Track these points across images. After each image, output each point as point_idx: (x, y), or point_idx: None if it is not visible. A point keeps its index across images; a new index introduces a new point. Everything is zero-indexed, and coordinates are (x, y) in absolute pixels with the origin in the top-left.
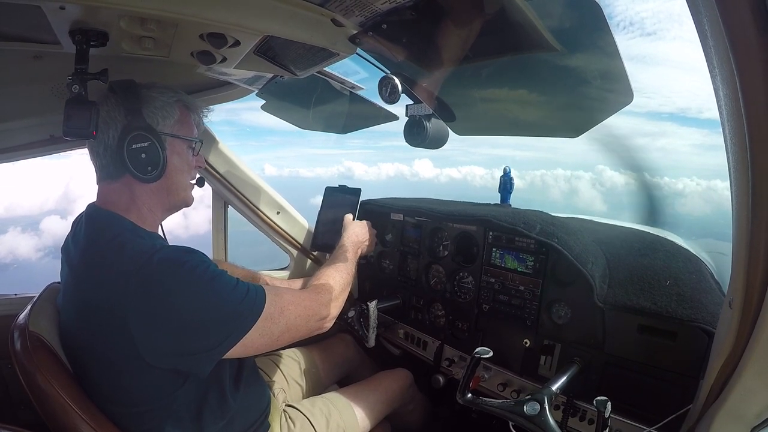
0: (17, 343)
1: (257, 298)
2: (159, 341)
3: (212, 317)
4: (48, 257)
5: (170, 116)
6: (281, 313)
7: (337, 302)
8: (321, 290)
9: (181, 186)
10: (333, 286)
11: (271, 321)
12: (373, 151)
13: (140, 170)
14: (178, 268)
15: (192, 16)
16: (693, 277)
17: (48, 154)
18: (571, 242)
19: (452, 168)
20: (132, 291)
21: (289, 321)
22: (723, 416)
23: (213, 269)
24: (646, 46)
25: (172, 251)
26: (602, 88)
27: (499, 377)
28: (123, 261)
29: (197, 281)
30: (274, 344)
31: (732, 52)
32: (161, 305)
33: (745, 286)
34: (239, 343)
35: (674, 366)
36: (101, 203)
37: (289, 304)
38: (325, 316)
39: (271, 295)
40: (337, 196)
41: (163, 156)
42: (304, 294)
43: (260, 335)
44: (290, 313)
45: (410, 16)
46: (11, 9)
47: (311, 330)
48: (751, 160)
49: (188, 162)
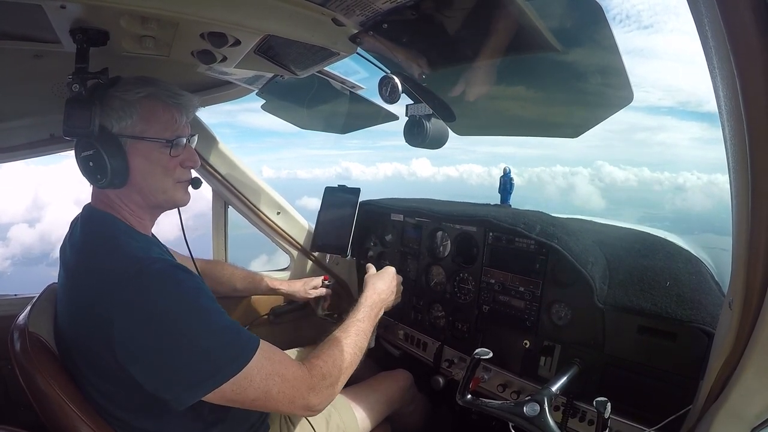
0: (17, 344)
1: (244, 350)
2: (136, 355)
3: (193, 351)
4: (15, 266)
5: (128, 116)
6: (264, 379)
7: (336, 387)
8: (318, 372)
9: (155, 189)
10: (336, 367)
11: (249, 382)
12: (370, 151)
13: (91, 179)
14: (173, 286)
15: (193, 15)
16: (693, 278)
17: (48, 153)
18: (571, 243)
19: (450, 167)
20: (120, 299)
21: (269, 392)
22: (723, 417)
23: (208, 300)
24: (643, 40)
25: (169, 266)
26: (602, 87)
27: (499, 378)
28: (115, 266)
29: (188, 305)
30: (244, 405)
31: (732, 52)
32: (145, 318)
33: (745, 287)
34: (210, 394)
35: (674, 367)
36: (95, 203)
37: (276, 375)
38: (313, 405)
39: (262, 353)
40: (337, 195)
41: (111, 163)
42: (298, 371)
43: (234, 391)
44: (273, 385)
45: (411, 16)
46: (12, 8)
47: (293, 411)
48: (751, 160)
49: (161, 163)
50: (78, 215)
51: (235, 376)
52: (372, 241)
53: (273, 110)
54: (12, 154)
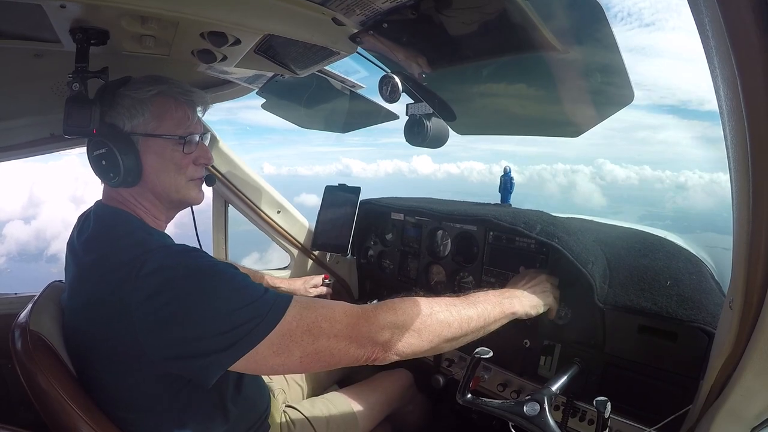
0: (18, 343)
1: (275, 306)
2: (161, 336)
3: (218, 313)
4: (11, 262)
5: (139, 114)
6: (307, 332)
7: (413, 336)
8: (389, 309)
9: (169, 187)
10: (418, 312)
11: (291, 338)
12: (372, 148)
13: (104, 177)
14: (194, 257)
15: (193, 14)
16: (693, 277)
17: (48, 152)
18: (572, 242)
19: (451, 164)
20: (140, 278)
21: (318, 343)
22: (723, 417)
23: (230, 267)
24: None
25: (187, 247)
26: (603, 86)
27: (499, 377)
28: (131, 251)
29: (211, 268)
30: (295, 368)
31: (733, 52)
32: (168, 288)
33: (745, 287)
34: (247, 357)
35: (674, 366)
36: (106, 200)
37: (322, 320)
38: (378, 342)
39: (297, 306)
40: (337, 194)
41: (124, 161)
42: (350, 308)
43: (275, 353)
44: (321, 333)
45: (411, 15)
46: (12, 7)
47: (354, 359)
48: (752, 160)
49: (174, 161)
50: (88, 211)
51: (268, 336)
52: (372, 240)
53: (273, 109)
54: (12, 153)
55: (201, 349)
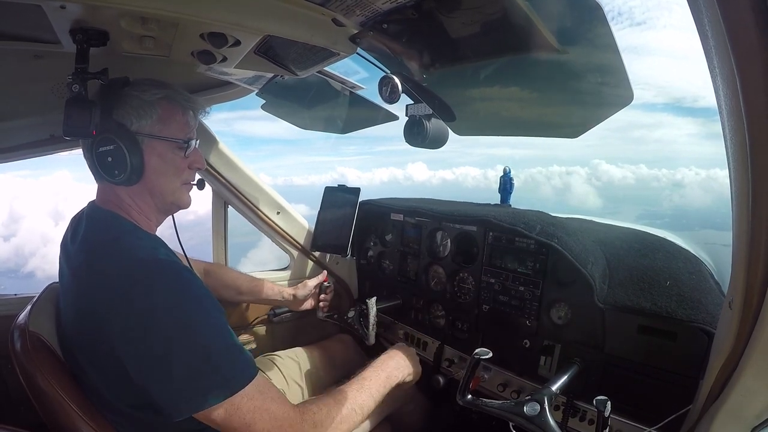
0: (17, 343)
1: (244, 373)
2: (138, 361)
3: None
4: None
5: (147, 116)
6: (251, 411)
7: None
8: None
9: (165, 189)
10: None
11: (236, 410)
12: (367, 157)
13: (108, 174)
14: (180, 295)
15: (192, 15)
16: (693, 277)
17: (48, 153)
18: (571, 243)
19: (446, 170)
20: (124, 305)
21: (253, 426)
22: (723, 416)
23: (216, 312)
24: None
25: (176, 271)
26: (602, 87)
27: (499, 378)
28: (121, 269)
29: (197, 316)
30: None
31: (733, 52)
32: (150, 325)
33: (745, 287)
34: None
35: (674, 366)
36: (100, 202)
37: (265, 411)
38: None
39: (256, 385)
40: (337, 195)
41: (131, 159)
42: (290, 413)
43: (218, 413)
44: (259, 420)
45: (411, 16)
46: (11, 8)
47: None
48: (752, 159)
49: (174, 164)
50: (81, 212)
51: (227, 399)
52: (372, 240)
53: (273, 110)
54: (12, 155)
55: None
